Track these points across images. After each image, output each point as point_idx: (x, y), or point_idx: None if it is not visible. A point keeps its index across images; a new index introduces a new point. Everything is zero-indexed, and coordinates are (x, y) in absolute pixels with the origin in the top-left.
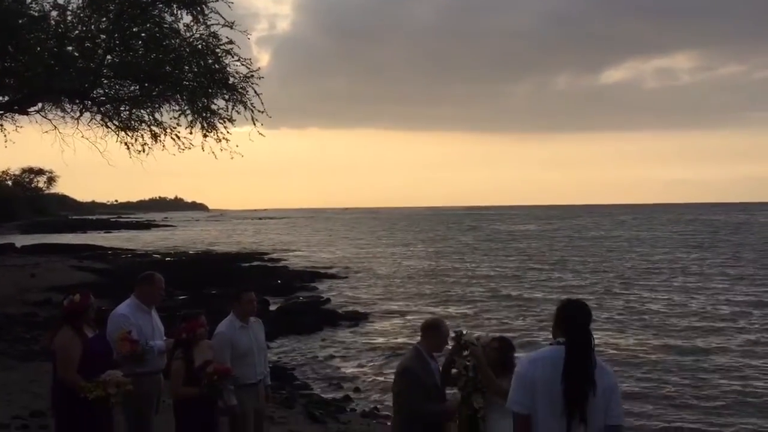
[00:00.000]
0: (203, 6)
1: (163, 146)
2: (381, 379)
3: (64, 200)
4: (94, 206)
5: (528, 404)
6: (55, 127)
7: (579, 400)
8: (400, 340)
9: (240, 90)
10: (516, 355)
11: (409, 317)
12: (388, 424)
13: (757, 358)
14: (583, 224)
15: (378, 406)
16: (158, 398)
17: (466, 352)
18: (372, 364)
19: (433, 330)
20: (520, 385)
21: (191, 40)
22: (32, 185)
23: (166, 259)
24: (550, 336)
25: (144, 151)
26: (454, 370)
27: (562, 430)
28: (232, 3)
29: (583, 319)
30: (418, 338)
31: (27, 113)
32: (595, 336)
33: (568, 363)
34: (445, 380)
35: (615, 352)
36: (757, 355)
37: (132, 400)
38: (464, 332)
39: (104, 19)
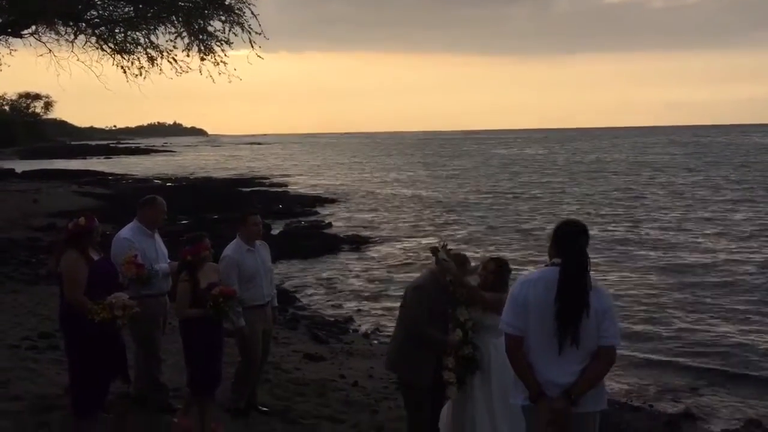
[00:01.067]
0: None
1: (160, 70)
2: (382, 300)
3: (62, 126)
4: (92, 132)
5: (520, 326)
6: (50, 50)
7: (572, 322)
8: (400, 263)
9: (237, 11)
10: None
11: (408, 241)
12: None
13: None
14: (581, 148)
15: (379, 327)
16: (164, 320)
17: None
18: (373, 286)
19: (457, 264)
20: (512, 307)
21: None
22: (29, 110)
23: (167, 184)
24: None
25: (141, 75)
26: None
27: (554, 351)
28: None
29: (579, 240)
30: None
31: (21, 36)
32: (591, 259)
33: (562, 284)
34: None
35: (609, 278)
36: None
37: (139, 322)
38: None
39: None
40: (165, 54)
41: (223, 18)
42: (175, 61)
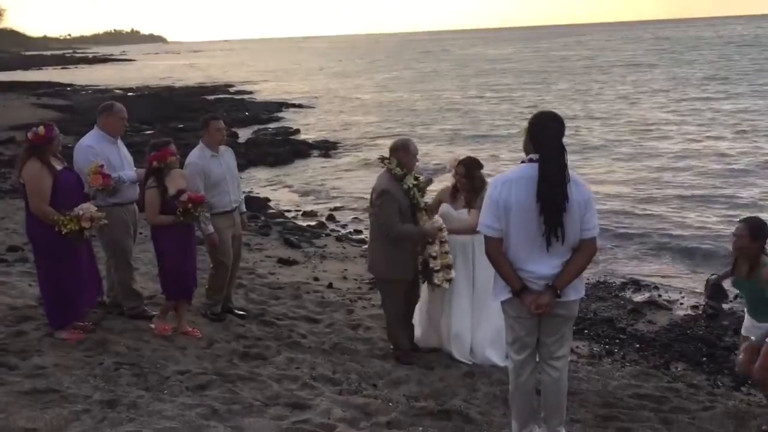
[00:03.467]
0: None
1: None
2: (354, 204)
3: (13, 36)
4: (46, 41)
5: (499, 227)
6: None
7: (556, 217)
8: (371, 166)
9: None
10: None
11: (379, 143)
12: (363, 247)
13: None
14: (550, 46)
15: (352, 230)
16: (135, 228)
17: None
18: (345, 190)
19: (402, 151)
20: (491, 209)
21: None
22: None
23: (128, 94)
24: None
25: None
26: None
27: (539, 248)
28: None
29: (556, 132)
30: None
31: None
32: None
33: (543, 179)
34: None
35: (588, 173)
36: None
37: (109, 231)
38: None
39: None
40: None
41: None
42: None
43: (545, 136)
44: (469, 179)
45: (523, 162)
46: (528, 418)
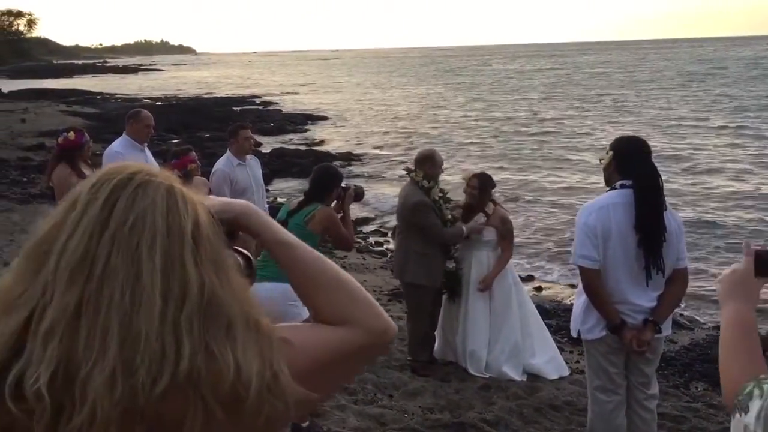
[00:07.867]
0: None
1: None
2: (375, 217)
3: (46, 44)
4: (78, 50)
5: (598, 258)
6: None
7: (657, 248)
8: (392, 180)
9: None
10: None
11: (403, 156)
12: (383, 258)
13: None
14: (583, 62)
15: (372, 243)
16: None
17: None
18: (367, 202)
19: (429, 161)
20: (589, 239)
21: None
22: (12, 29)
23: (157, 103)
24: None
25: None
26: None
27: (635, 279)
28: None
29: (649, 156)
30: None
31: None
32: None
33: (642, 208)
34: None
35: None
36: None
37: None
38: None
39: None
40: None
41: None
42: None
43: (638, 161)
44: (482, 194)
45: (610, 190)
46: None
